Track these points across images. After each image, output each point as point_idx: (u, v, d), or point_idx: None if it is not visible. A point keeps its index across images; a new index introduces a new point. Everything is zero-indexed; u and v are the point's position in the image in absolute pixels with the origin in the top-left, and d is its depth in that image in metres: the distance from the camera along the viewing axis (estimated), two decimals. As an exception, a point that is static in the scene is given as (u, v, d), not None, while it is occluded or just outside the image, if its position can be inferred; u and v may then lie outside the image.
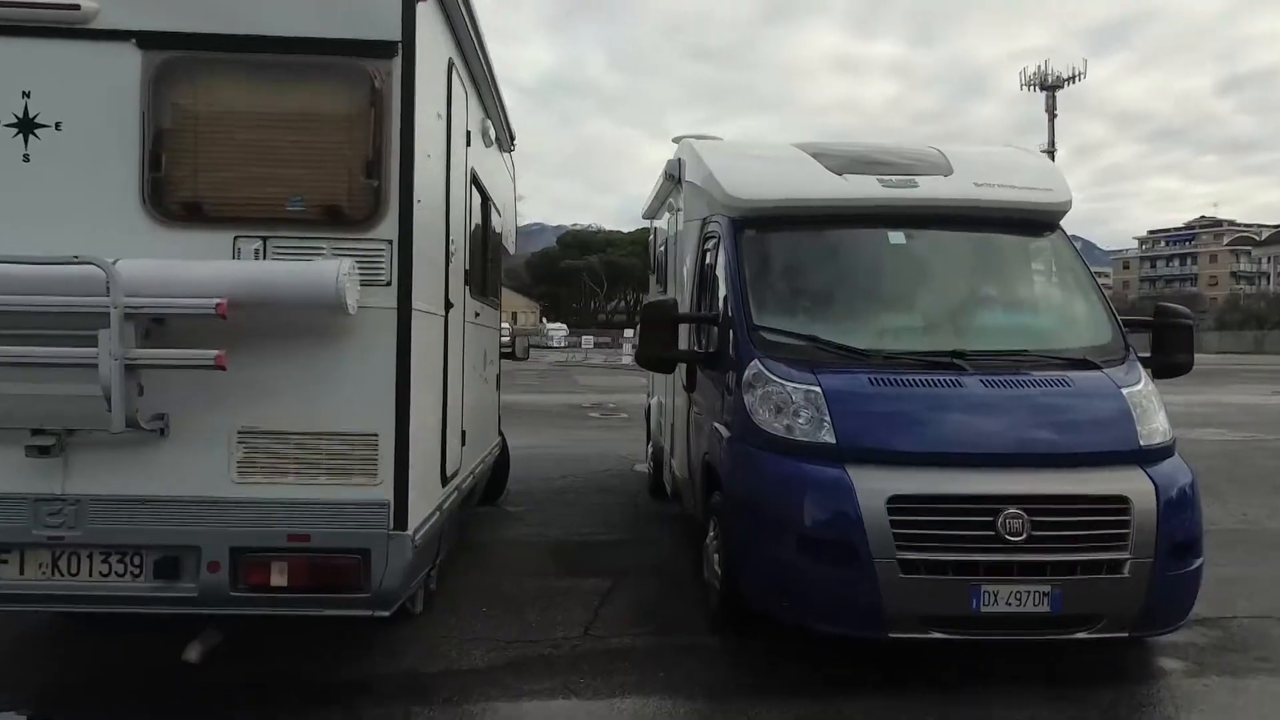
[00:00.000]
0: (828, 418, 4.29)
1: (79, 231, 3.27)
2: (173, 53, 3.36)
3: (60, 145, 3.35)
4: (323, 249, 3.38)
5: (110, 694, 3.97)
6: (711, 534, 5.03)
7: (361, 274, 3.34)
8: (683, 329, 6.03)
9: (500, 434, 7.79)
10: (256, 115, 3.42)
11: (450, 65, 4.26)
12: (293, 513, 3.40)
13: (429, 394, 3.90)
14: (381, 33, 3.37)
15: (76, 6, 3.29)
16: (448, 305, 4.25)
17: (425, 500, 3.84)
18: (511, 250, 8.28)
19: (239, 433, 3.40)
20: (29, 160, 3.34)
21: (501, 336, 7.95)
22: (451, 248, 4.33)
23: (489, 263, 6.08)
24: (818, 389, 4.37)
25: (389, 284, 3.43)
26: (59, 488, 3.36)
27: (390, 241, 3.42)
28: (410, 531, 3.47)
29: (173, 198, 3.37)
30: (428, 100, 3.73)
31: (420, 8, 3.42)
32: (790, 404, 4.40)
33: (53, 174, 3.34)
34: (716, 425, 5.03)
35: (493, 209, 6.19)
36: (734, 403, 4.70)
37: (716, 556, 4.86)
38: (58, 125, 3.35)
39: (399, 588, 3.49)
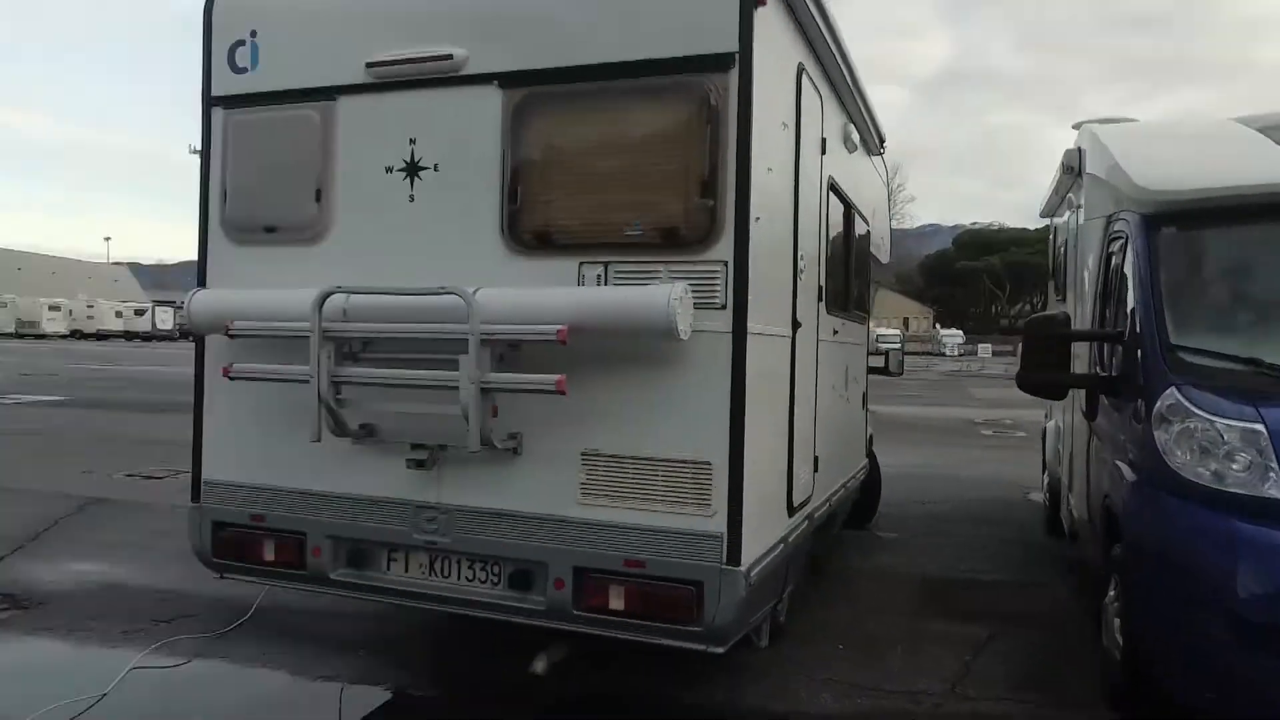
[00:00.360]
0: (1276, 465, 3.34)
1: (451, 262, 3.57)
2: (527, 89, 3.53)
3: (438, 185, 3.69)
4: (660, 273, 3.33)
5: (470, 689, 4.32)
6: (1112, 592, 4.20)
7: (696, 297, 3.23)
8: (1082, 346, 5.18)
9: (870, 454, 7.38)
10: (598, 143, 3.47)
11: (800, 71, 4.02)
12: (630, 538, 3.39)
13: (770, 420, 3.69)
14: (716, 45, 3.24)
15: (449, 56, 3.60)
16: (795, 325, 4.01)
17: (766, 532, 3.63)
18: (884, 259, 7.80)
19: (582, 455, 3.48)
20: (414, 200, 3.73)
21: (883, 346, 7.52)
22: (801, 264, 4.08)
23: (852, 276, 5.73)
24: (1260, 427, 3.42)
25: (723, 307, 3.28)
26: (435, 497, 3.69)
27: (725, 262, 3.27)
28: (744, 567, 3.28)
29: (526, 228, 3.55)
30: (770, 110, 3.53)
31: (759, 14, 3.23)
32: (1220, 445, 3.49)
33: (432, 211, 3.70)
34: (1119, 463, 4.19)
35: (856, 217, 5.83)
36: (1142, 438, 3.86)
37: (1117, 621, 4.04)
38: (436, 167, 3.69)
39: (733, 624, 3.32)
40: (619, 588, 3.37)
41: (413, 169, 3.71)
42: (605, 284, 3.40)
